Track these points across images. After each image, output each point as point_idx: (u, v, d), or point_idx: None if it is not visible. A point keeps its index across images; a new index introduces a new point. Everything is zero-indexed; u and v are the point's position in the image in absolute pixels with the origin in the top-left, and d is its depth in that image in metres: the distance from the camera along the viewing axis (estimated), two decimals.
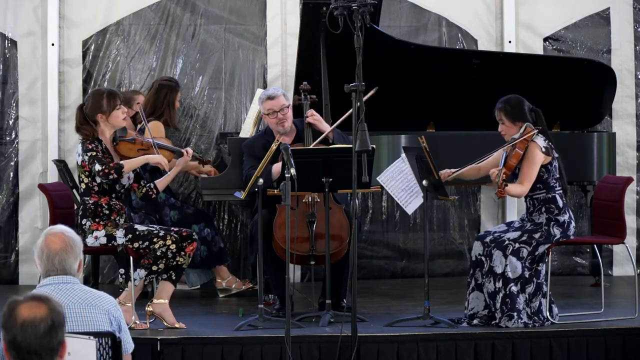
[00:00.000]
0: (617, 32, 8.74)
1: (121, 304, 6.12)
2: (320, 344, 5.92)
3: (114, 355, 3.88)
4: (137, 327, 6.13)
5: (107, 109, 6.31)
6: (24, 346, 2.94)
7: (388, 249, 8.66)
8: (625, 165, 8.64)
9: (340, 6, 5.71)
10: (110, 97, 6.35)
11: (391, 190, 6.53)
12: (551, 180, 6.27)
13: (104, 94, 6.38)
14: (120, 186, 6.36)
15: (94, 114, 6.33)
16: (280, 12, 8.45)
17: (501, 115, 6.34)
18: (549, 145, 6.26)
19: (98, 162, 6.21)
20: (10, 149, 8.28)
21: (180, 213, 7.60)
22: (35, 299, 3.00)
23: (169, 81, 7.82)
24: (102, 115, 6.31)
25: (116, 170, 6.22)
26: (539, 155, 6.19)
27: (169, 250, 6.18)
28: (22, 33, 8.25)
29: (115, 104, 6.33)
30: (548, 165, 6.25)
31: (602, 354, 6.11)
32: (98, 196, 6.29)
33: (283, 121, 6.81)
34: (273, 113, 6.80)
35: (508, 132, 6.33)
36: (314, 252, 6.52)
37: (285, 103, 6.81)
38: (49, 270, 3.88)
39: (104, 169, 6.20)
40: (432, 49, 8.26)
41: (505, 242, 6.20)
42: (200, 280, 7.86)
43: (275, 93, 6.84)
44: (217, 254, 7.66)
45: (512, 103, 6.34)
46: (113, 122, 6.34)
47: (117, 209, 6.33)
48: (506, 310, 6.16)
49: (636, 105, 8.75)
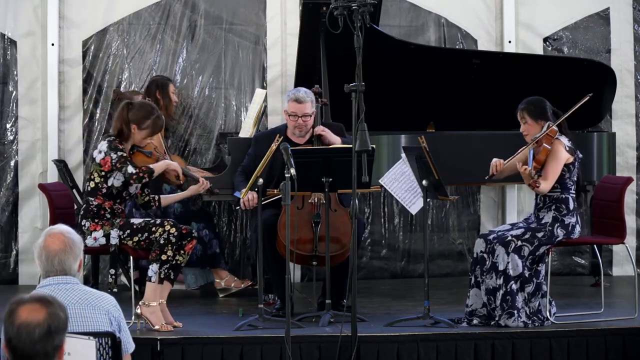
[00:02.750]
0: (616, 32, 8.74)
1: (145, 305, 6.13)
2: (320, 344, 5.92)
3: (114, 356, 3.88)
4: (163, 329, 6.10)
5: (146, 129, 6.29)
6: (19, 349, 2.94)
7: (388, 249, 8.66)
8: (625, 166, 8.64)
9: (340, 6, 5.71)
10: (157, 120, 6.32)
11: (394, 191, 6.53)
12: (569, 181, 6.30)
13: (153, 114, 6.33)
14: (127, 193, 6.36)
15: (133, 122, 6.28)
16: (280, 12, 8.44)
17: (524, 114, 6.38)
18: (572, 145, 6.30)
19: (131, 163, 6.20)
20: (10, 149, 8.28)
21: (184, 207, 7.61)
22: (39, 301, 2.98)
23: (157, 77, 7.84)
24: (138, 129, 6.29)
25: (149, 174, 6.21)
26: (564, 153, 6.24)
27: (171, 235, 6.15)
28: (22, 33, 8.25)
29: (155, 131, 6.34)
30: (570, 165, 6.29)
31: (602, 354, 6.11)
32: (103, 199, 6.27)
33: (302, 127, 6.81)
34: (294, 116, 6.80)
35: (530, 132, 6.36)
36: (316, 253, 6.52)
37: (309, 112, 6.79)
38: (49, 271, 3.87)
39: (138, 172, 6.19)
40: (432, 49, 8.26)
41: (509, 238, 6.22)
42: (198, 282, 7.84)
43: (304, 98, 6.78)
44: (211, 256, 7.65)
45: (535, 103, 6.40)
46: (137, 140, 6.33)
47: (118, 213, 6.33)
48: (506, 307, 6.17)
49: (636, 105, 8.75)
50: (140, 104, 6.46)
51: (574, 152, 6.32)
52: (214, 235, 7.71)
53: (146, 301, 6.14)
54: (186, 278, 7.79)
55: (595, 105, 8.17)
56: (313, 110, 6.84)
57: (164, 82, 7.80)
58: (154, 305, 6.14)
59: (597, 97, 8.15)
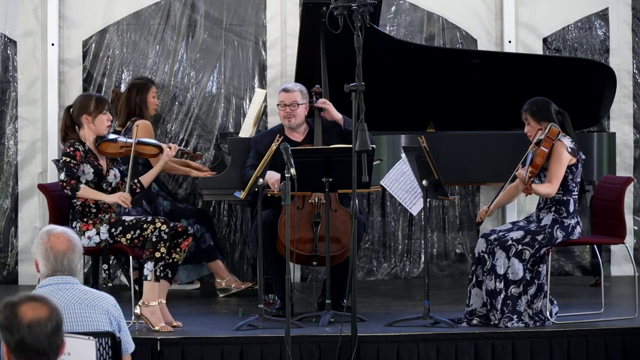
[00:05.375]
0: (615, 33, 8.74)
1: (145, 305, 6.12)
2: (320, 344, 5.92)
3: (114, 355, 3.88)
4: (163, 330, 6.08)
5: (94, 111, 6.32)
6: (33, 347, 2.94)
7: (388, 249, 8.65)
8: (623, 166, 8.64)
9: (340, 6, 5.71)
10: (99, 101, 6.39)
11: (395, 192, 6.53)
12: (572, 183, 6.29)
13: (93, 97, 6.45)
14: (107, 185, 6.38)
15: (80, 114, 6.34)
16: (280, 13, 8.44)
17: (527, 115, 6.37)
18: (575, 146, 6.27)
19: (66, 170, 6.23)
20: (10, 149, 8.28)
21: (172, 204, 7.62)
22: (34, 300, 3.00)
23: (139, 79, 7.79)
24: (88, 116, 6.32)
25: (72, 189, 6.22)
26: (566, 155, 6.20)
27: (162, 232, 6.16)
28: (21, 33, 8.25)
29: (103, 108, 6.34)
30: (573, 167, 6.26)
31: (602, 354, 6.11)
32: None
33: (290, 116, 6.83)
34: (283, 105, 6.84)
35: (534, 133, 6.34)
36: (316, 253, 6.52)
37: (297, 99, 6.82)
38: (57, 271, 3.87)
39: (65, 180, 6.21)
40: (432, 49, 8.26)
41: (509, 242, 6.21)
42: (189, 277, 7.85)
43: (292, 88, 6.87)
44: (205, 250, 7.65)
45: (539, 104, 6.37)
46: (97, 125, 6.33)
47: (104, 207, 6.34)
48: (507, 311, 6.17)
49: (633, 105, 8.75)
50: (77, 98, 6.53)
51: (577, 154, 6.29)
52: (206, 229, 7.69)
53: (145, 301, 6.14)
54: (178, 274, 7.80)
55: (595, 105, 8.19)
56: (304, 102, 6.85)
57: (143, 87, 7.63)
58: (154, 305, 6.13)
59: (597, 97, 8.17)
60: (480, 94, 8.03)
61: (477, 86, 8.00)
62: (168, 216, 7.12)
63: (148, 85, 7.66)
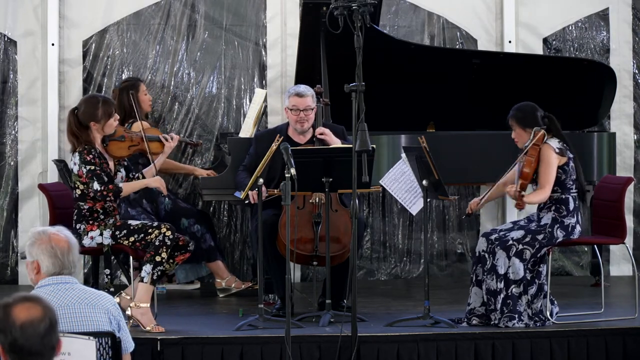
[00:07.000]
0: (615, 33, 8.74)
1: (136, 306, 6.12)
2: (320, 344, 5.93)
3: (114, 355, 3.88)
4: (154, 330, 6.08)
5: (102, 117, 6.30)
6: (27, 348, 2.94)
7: (388, 249, 8.65)
8: (623, 166, 8.65)
9: (340, 6, 5.70)
10: (106, 106, 6.32)
11: (395, 192, 6.53)
12: (568, 181, 6.28)
13: (99, 102, 6.33)
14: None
15: (87, 121, 6.31)
16: (280, 13, 8.44)
17: (512, 122, 6.38)
18: (563, 146, 6.27)
19: (97, 179, 6.21)
20: (10, 149, 8.28)
21: (173, 203, 7.62)
22: (27, 300, 3.00)
23: (126, 82, 7.77)
24: (97, 124, 6.30)
25: (114, 194, 6.25)
26: (553, 157, 6.19)
27: (166, 238, 6.16)
28: (22, 33, 8.24)
29: (110, 113, 6.32)
30: (565, 166, 6.26)
31: (602, 354, 6.11)
32: (93, 202, 6.29)
33: (303, 121, 6.81)
34: (296, 110, 6.81)
35: (520, 140, 6.35)
36: (317, 253, 6.52)
37: (311, 105, 6.80)
38: (65, 268, 3.87)
39: (103, 190, 6.21)
40: (432, 49, 8.26)
41: (509, 242, 6.21)
42: (188, 277, 7.86)
43: (305, 92, 6.81)
44: (206, 251, 7.65)
45: (523, 109, 6.37)
46: (107, 130, 6.33)
47: (111, 212, 6.34)
48: (507, 311, 6.17)
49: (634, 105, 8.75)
50: (82, 102, 6.46)
51: (565, 153, 6.28)
52: (207, 229, 7.70)
53: (137, 302, 6.13)
54: (176, 273, 7.81)
55: (596, 105, 8.19)
56: (314, 105, 6.85)
57: (131, 87, 7.56)
58: (145, 306, 6.14)
59: (598, 97, 8.17)
60: (480, 94, 8.03)
61: (477, 86, 8.00)
62: (168, 215, 7.13)
63: (136, 84, 7.64)
